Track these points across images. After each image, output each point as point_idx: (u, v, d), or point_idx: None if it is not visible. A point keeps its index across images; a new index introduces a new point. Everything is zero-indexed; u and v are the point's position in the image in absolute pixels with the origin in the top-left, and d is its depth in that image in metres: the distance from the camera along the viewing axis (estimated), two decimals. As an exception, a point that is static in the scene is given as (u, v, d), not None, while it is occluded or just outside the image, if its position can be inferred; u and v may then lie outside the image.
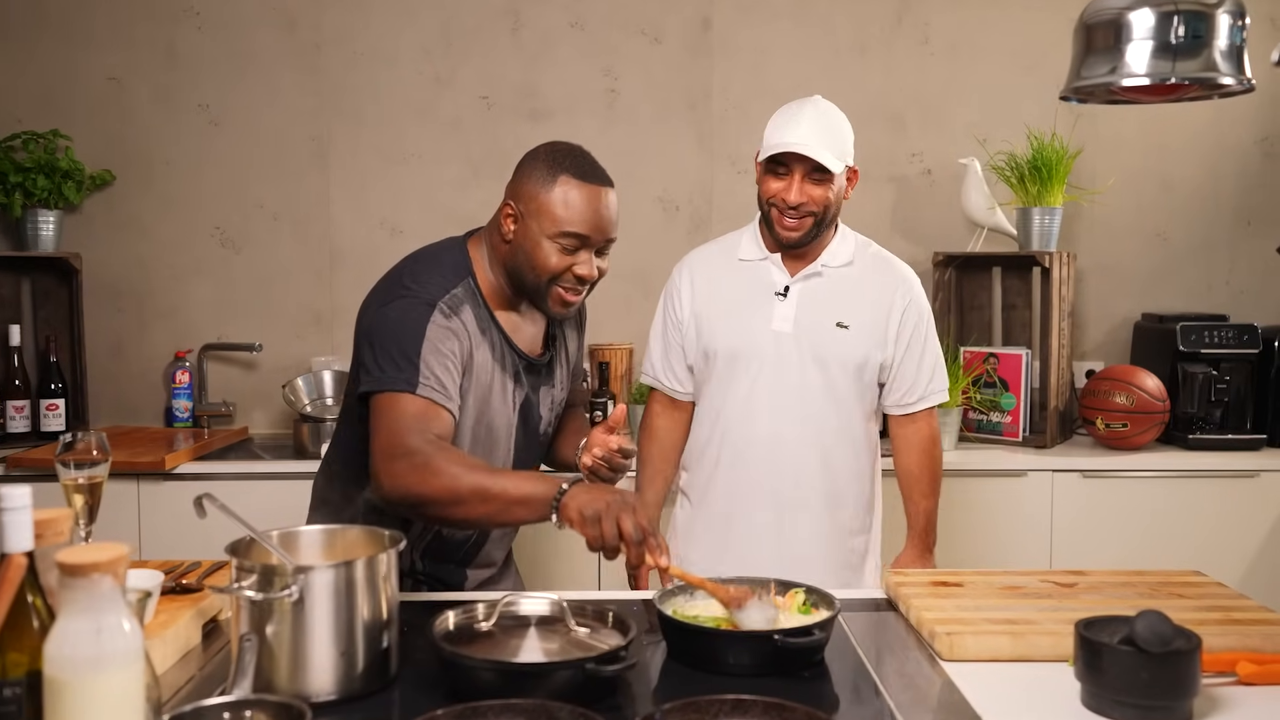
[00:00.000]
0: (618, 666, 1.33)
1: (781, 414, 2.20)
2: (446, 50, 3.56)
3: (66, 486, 1.54)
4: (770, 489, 2.21)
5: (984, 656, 1.51)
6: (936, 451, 2.33)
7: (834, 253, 2.25)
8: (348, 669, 1.37)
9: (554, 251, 1.77)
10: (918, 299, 2.28)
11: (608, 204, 1.80)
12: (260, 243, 3.59)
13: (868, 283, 2.25)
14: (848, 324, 2.20)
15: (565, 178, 1.77)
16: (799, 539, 2.21)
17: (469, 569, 1.98)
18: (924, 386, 2.28)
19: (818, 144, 2.10)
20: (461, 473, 1.60)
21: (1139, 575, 1.82)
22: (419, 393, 1.67)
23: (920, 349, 2.27)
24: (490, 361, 1.82)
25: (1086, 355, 3.66)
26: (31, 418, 3.36)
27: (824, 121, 2.15)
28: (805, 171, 2.12)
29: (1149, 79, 1.42)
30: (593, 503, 1.53)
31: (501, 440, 1.87)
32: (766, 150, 2.15)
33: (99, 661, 1.05)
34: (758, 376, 2.21)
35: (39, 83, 3.52)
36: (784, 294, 2.22)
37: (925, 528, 2.32)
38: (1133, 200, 3.62)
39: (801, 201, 2.13)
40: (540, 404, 1.93)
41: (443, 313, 1.74)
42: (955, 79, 3.59)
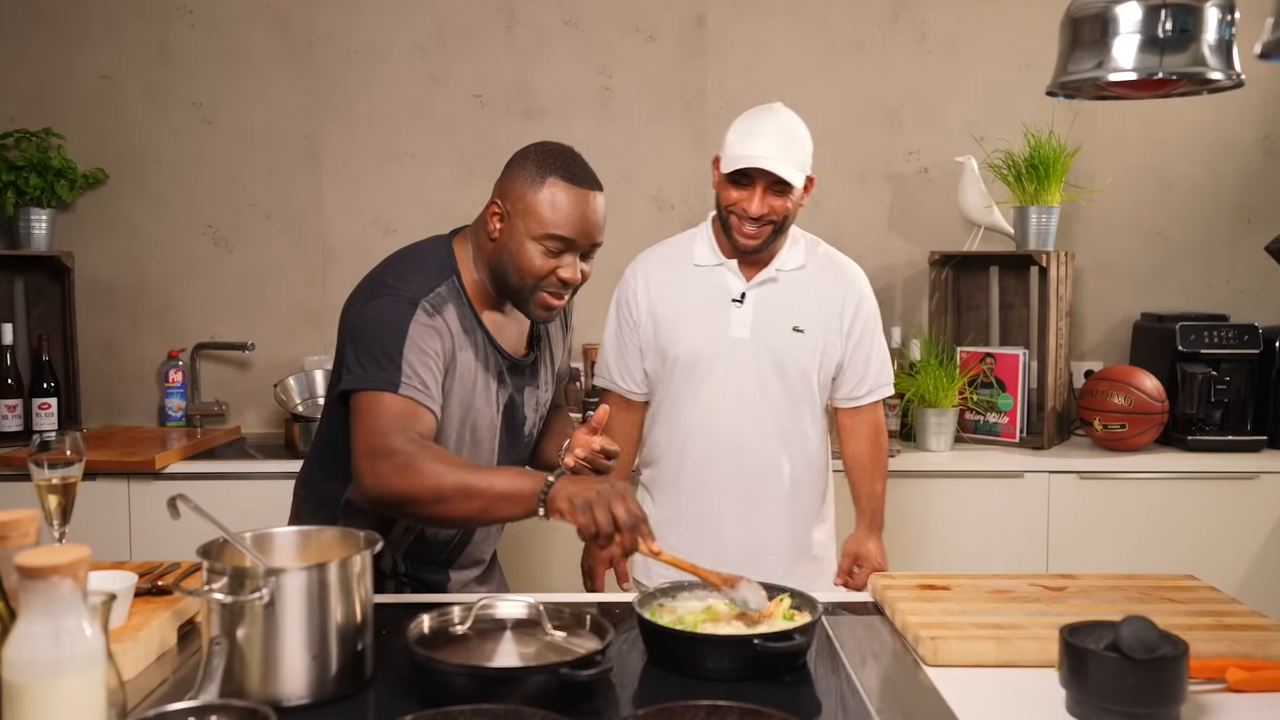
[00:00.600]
0: (592, 671, 1.31)
1: (743, 417, 2.24)
2: (440, 48, 3.54)
3: (40, 487, 1.52)
4: (734, 488, 2.25)
5: (968, 662, 1.49)
6: (883, 439, 2.41)
7: (786, 257, 2.27)
8: (320, 672, 1.35)
9: (539, 253, 1.75)
10: (867, 298, 2.33)
11: (595, 208, 1.77)
12: (253, 242, 3.57)
13: (820, 285, 2.28)
14: (803, 328, 2.24)
15: (554, 179, 1.74)
16: (763, 534, 2.26)
17: (452, 570, 1.96)
18: (872, 380, 2.35)
19: (781, 157, 2.12)
20: (445, 471, 1.58)
21: (1130, 579, 1.79)
22: (401, 392, 1.65)
23: (869, 346, 2.32)
24: (474, 362, 1.80)
25: (1085, 355, 3.63)
26: (24, 417, 3.34)
27: (787, 133, 2.15)
28: (768, 184, 2.14)
29: (1136, 74, 1.39)
30: (583, 491, 1.52)
31: (485, 441, 1.85)
32: (730, 162, 2.15)
33: (58, 666, 1.03)
34: (719, 381, 2.24)
35: (32, 81, 3.51)
36: (740, 300, 2.24)
37: (874, 510, 2.39)
38: (1132, 198, 3.59)
39: (764, 212, 2.14)
40: (524, 405, 1.91)
41: (425, 311, 1.72)
42: (952, 76, 3.57)
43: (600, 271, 2.40)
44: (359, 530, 1.49)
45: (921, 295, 3.57)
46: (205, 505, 1.42)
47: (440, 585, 1.94)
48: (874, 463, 2.40)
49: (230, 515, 2.88)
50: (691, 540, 2.24)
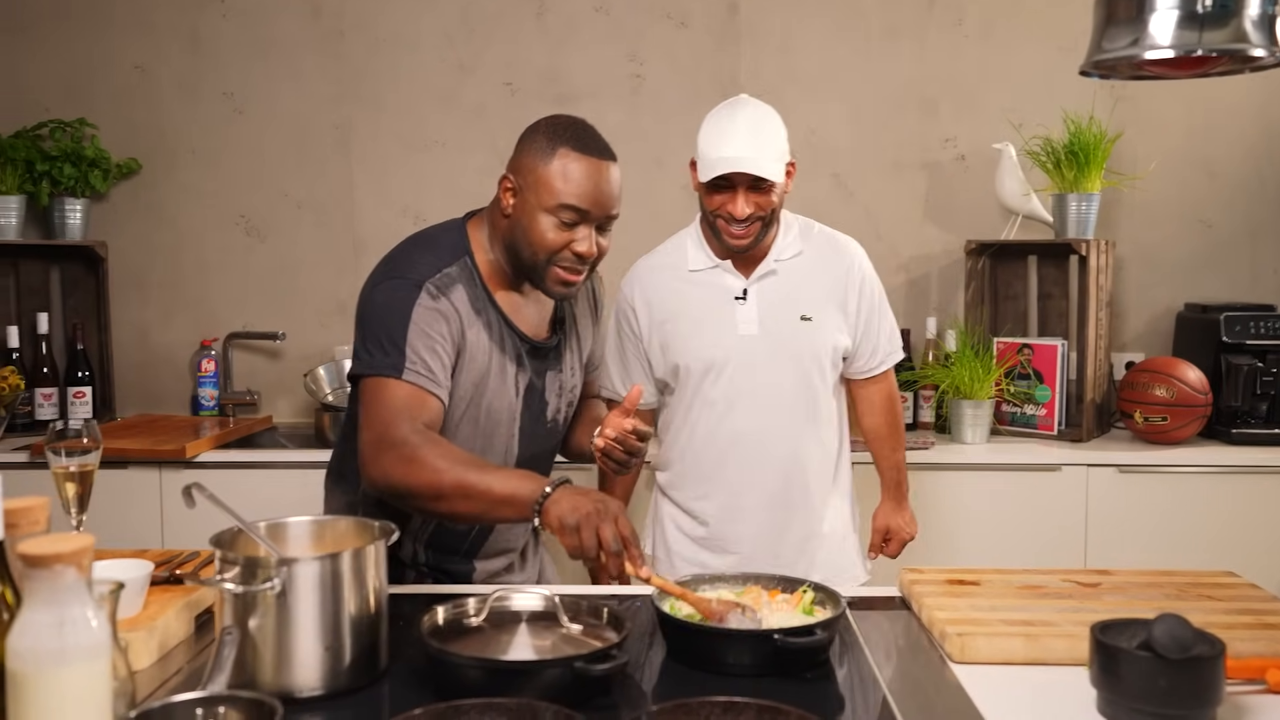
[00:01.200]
0: (607, 666, 1.28)
1: (761, 413, 2.22)
2: (469, 36, 3.52)
3: (57, 475, 1.52)
4: (757, 485, 2.23)
5: (997, 659, 1.45)
6: (898, 407, 2.44)
7: (782, 246, 2.24)
8: (333, 664, 1.33)
9: (551, 226, 1.71)
10: (868, 273, 2.31)
11: (608, 178, 1.73)
12: (284, 231, 3.57)
13: (821, 269, 2.26)
14: (810, 315, 2.22)
15: (564, 150, 1.71)
16: (787, 525, 2.24)
17: (476, 560, 1.93)
18: (883, 351, 2.35)
19: (758, 155, 2.07)
20: (446, 467, 1.57)
21: (1167, 575, 1.74)
22: (405, 378, 1.64)
23: (878, 319, 2.32)
24: (487, 343, 1.77)
25: (1126, 346, 3.55)
26: (60, 405, 3.37)
27: (759, 127, 2.10)
28: (749, 183, 2.09)
29: (1174, 51, 1.34)
30: (574, 511, 1.48)
31: (503, 425, 1.82)
32: (706, 170, 2.11)
33: (61, 655, 1.02)
34: (733, 382, 2.21)
35: (66, 72, 3.53)
36: (743, 297, 2.22)
37: (898, 479, 2.43)
38: (1175, 185, 3.50)
39: (750, 212, 2.10)
40: (547, 389, 1.87)
41: (429, 294, 1.70)
42: (990, 61, 3.50)
43: (630, 257, 2.38)
44: (374, 520, 1.47)
45: (958, 285, 3.50)
46: (234, 494, 1.41)
47: (465, 576, 1.92)
48: (893, 431, 2.42)
49: (259, 504, 2.89)
50: (713, 537, 2.25)
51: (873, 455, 2.46)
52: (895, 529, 2.42)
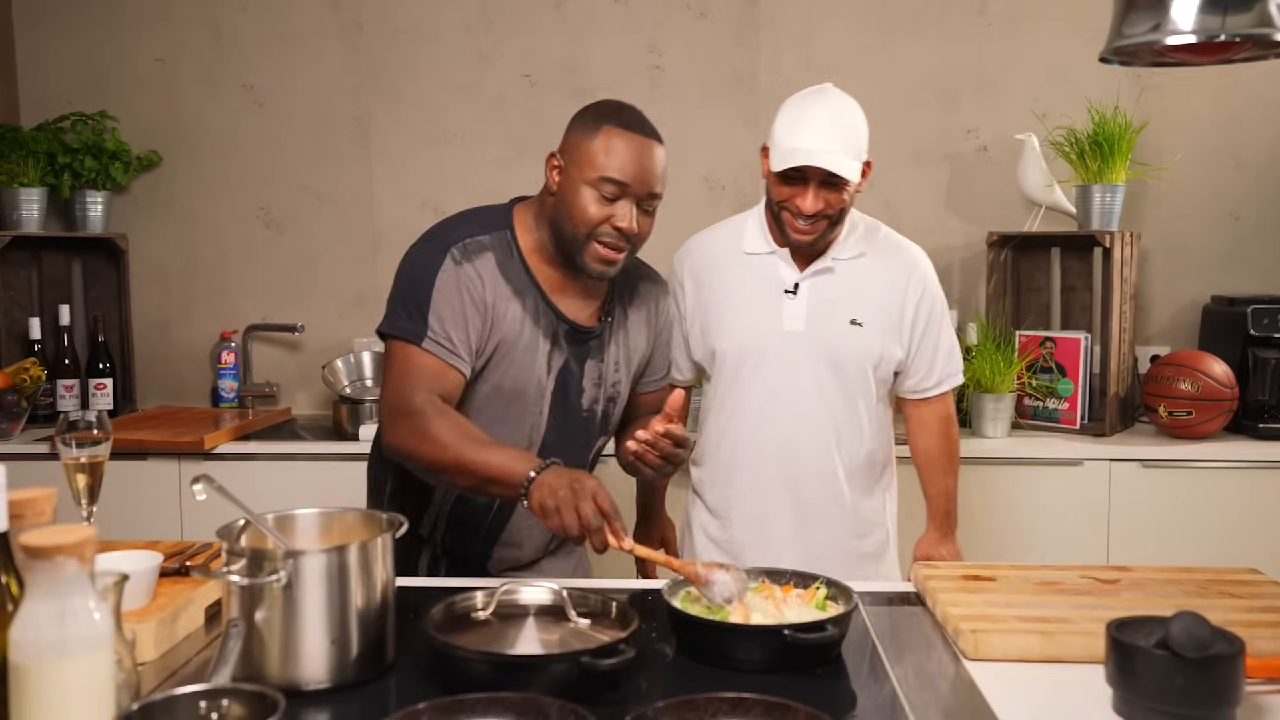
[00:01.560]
0: (614, 661, 1.27)
1: (797, 416, 2.10)
2: (489, 27, 3.51)
3: (68, 466, 1.52)
4: (788, 491, 2.11)
5: (1011, 656, 1.43)
6: (954, 431, 2.27)
7: (843, 246, 2.12)
8: (340, 656, 1.33)
9: (593, 199, 1.72)
10: (931, 285, 2.18)
11: (651, 155, 1.75)
12: (303, 224, 3.58)
13: (880, 275, 2.13)
14: (861, 321, 2.10)
15: (609, 127, 1.74)
16: (821, 539, 2.12)
17: (496, 546, 1.91)
18: (940, 371, 2.20)
19: (836, 149, 1.96)
20: (449, 442, 1.64)
21: (1187, 572, 1.71)
22: (425, 346, 1.71)
23: (936, 335, 2.17)
24: (519, 313, 1.78)
25: (1151, 340, 3.50)
26: (81, 397, 3.39)
27: (840, 121, 1.99)
28: (821, 179, 1.98)
29: (1196, 36, 1.30)
30: (551, 495, 1.52)
31: (530, 402, 1.81)
32: (780, 159, 1.99)
33: (63, 647, 1.01)
34: (770, 378, 2.10)
35: (87, 65, 3.55)
36: (794, 291, 2.10)
37: (947, 509, 2.25)
38: (1202, 176, 3.45)
39: (818, 209, 1.99)
40: (583, 376, 1.86)
41: (454, 258, 1.74)
42: (1013, 51, 3.45)
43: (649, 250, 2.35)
44: (382, 513, 1.47)
45: (979, 277, 3.47)
46: (251, 486, 1.43)
47: (481, 560, 1.91)
48: (945, 457, 2.25)
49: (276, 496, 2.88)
50: (742, 544, 2.14)
51: (921, 480, 2.28)
52: (937, 561, 2.19)
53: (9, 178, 3.31)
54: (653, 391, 2.02)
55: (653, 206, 1.78)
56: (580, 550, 2.05)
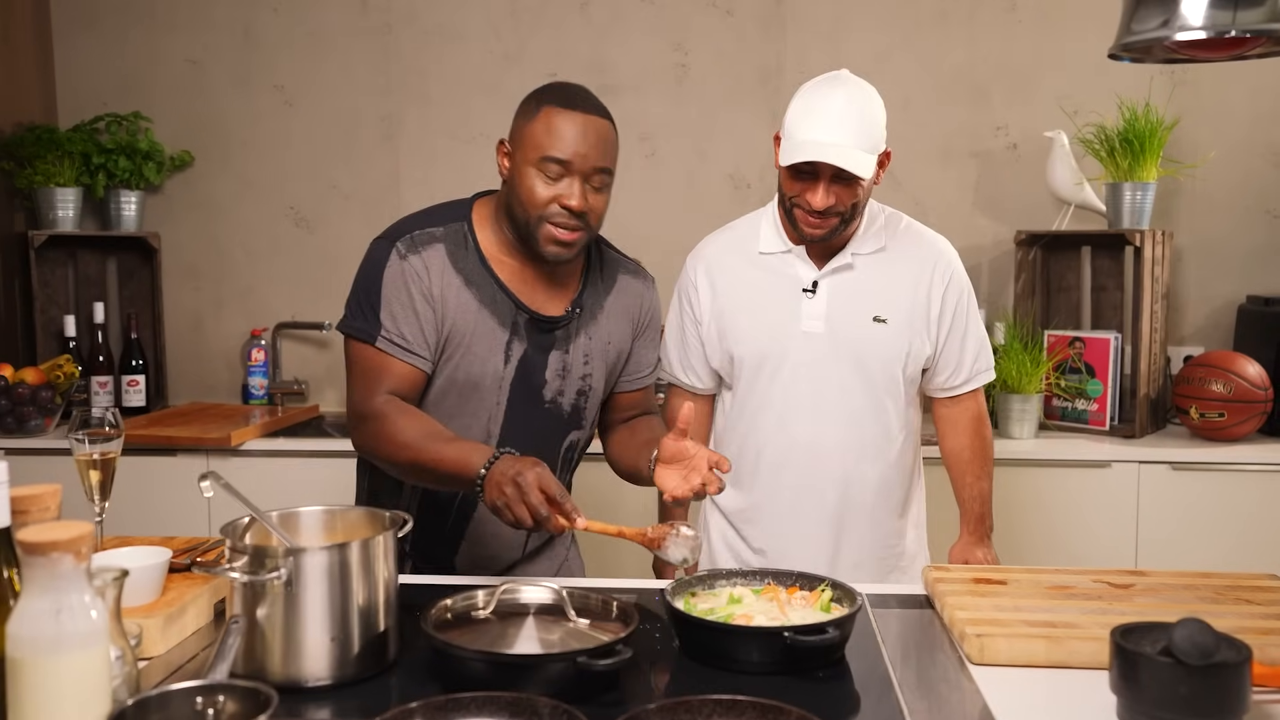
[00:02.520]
0: (611, 661, 1.27)
1: (820, 421, 2.03)
2: (515, 27, 3.52)
3: (80, 462, 1.54)
4: (814, 499, 2.05)
5: (1017, 661, 1.41)
6: (986, 431, 2.17)
7: (863, 239, 2.04)
8: (341, 654, 1.34)
9: (539, 181, 1.70)
10: (958, 275, 2.09)
11: (593, 130, 1.71)
12: (332, 222, 3.61)
13: (903, 267, 2.05)
14: (885, 317, 2.02)
15: (549, 107, 1.72)
16: (848, 547, 2.07)
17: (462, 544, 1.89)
18: (969, 367, 2.12)
19: (849, 143, 1.88)
20: (407, 442, 1.67)
21: (1205, 578, 1.68)
22: (379, 345, 1.73)
23: (964, 329, 2.09)
24: (473, 304, 1.76)
25: (1185, 340, 3.44)
26: (114, 393, 3.45)
27: (855, 112, 1.90)
28: (832, 174, 1.90)
29: (1206, 32, 1.28)
30: (499, 493, 1.53)
31: (486, 393, 1.79)
32: (789, 152, 1.91)
33: (58, 642, 1.03)
34: (790, 383, 2.03)
35: (123, 66, 3.60)
36: (812, 290, 2.03)
37: (981, 513, 2.15)
38: (1237, 174, 3.39)
39: (829, 204, 1.91)
40: (546, 367, 1.82)
41: (399, 252, 1.74)
42: (1043, 47, 3.41)
43: (673, 250, 2.34)
44: (384, 511, 1.48)
45: (1008, 277, 3.43)
46: (276, 482, 1.45)
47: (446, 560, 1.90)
48: (977, 458, 2.15)
49: (301, 493, 2.90)
50: (766, 553, 2.09)
51: (953, 483, 2.18)
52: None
53: (45, 178, 3.37)
54: (635, 390, 1.98)
55: (603, 183, 1.74)
56: (566, 551, 2.04)
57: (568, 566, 2.03)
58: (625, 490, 2.11)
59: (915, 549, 2.16)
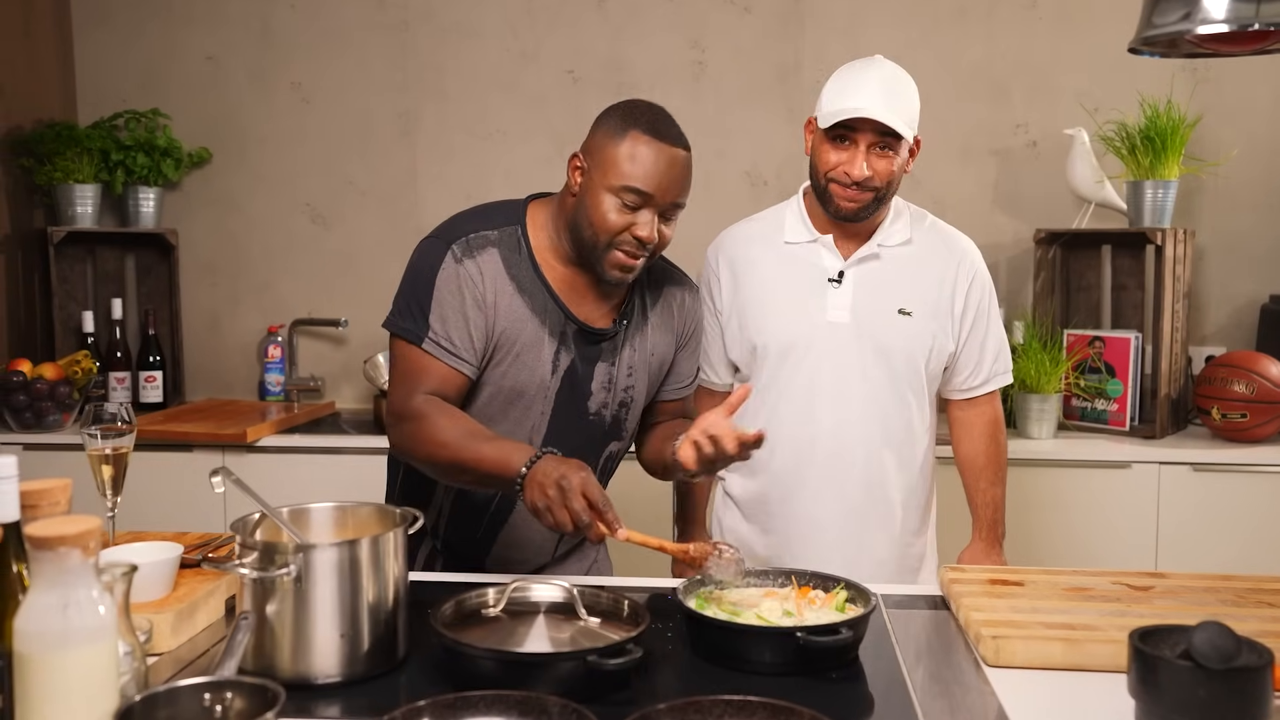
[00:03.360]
0: (621, 660, 1.26)
1: (843, 411, 2.01)
2: (532, 24, 3.51)
3: (92, 457, 1.54)
4: (835, 492, 2.02)
5: (1033, 664, 1.39)
6: (1002, 436, 2.16)
7: (890, 231, 2.04)
8: (351, 651, 1.33)
9: (614, 207, 1.67)
10: (981, 275, 2.09)
11: (678, 164, 1.69)
12: (349, 219, 3.61)
13: (929, 262, 2.05)
14: (910, 310, 2.01)
15: (636, 133, 1.67)
16: (865, 543, 2.04)
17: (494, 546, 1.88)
18: (988, 368, 2.10)
19: (887, 109, 1.89)
20: (446, 441, 1.64)
21: (1225, 580, 1.65)
22: (425, 348, 1.70)
23: (985, 329, 2.09)
24: (524, 311, 1.74)
25: (1206, 340, 3.41)
26: (132, 389, 3.46)
27: (892, 84, 1.93)
28: (871, 141, 1.91)
29: (1228, 25, 1.25)
30: (542, 494, 1.51)
31: (532, 401, 1.77)
32: (830, 117, 1.91)
33: (65, 637, 1.03)
34: (814, 373, 2.01)
35: (141, 63, 3.61)
36: (838, 280, 2.01)
37: (996, 518, 2.14)
38: (1261, 171, 3.35)
39: (868, 175, 1.92)
40: (592, 379, 1.80)
41: (454, 256, 1.71)
42: (1063, 44, 3.38)
43: (689, 249, 2.32)
44: (394, 508, 1.47)
45: (1027, 275, 3.39)
46: (292, 479, 1.44)
47: (478, 559, 1.88)
48: (992, 464, 2.14)
49: (316, 489, 2.89)
50: (783, 549, 2.05)
51: (966, 488, 2.17)
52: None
53: (65, 174, 3.38)
54: (676, 399, 1.95)
55: (675, 215, 1.73)
56: (596, 552, 2.00)
57: (597, 568, 2.00)
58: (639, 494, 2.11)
59: (926, 556, 2.14)
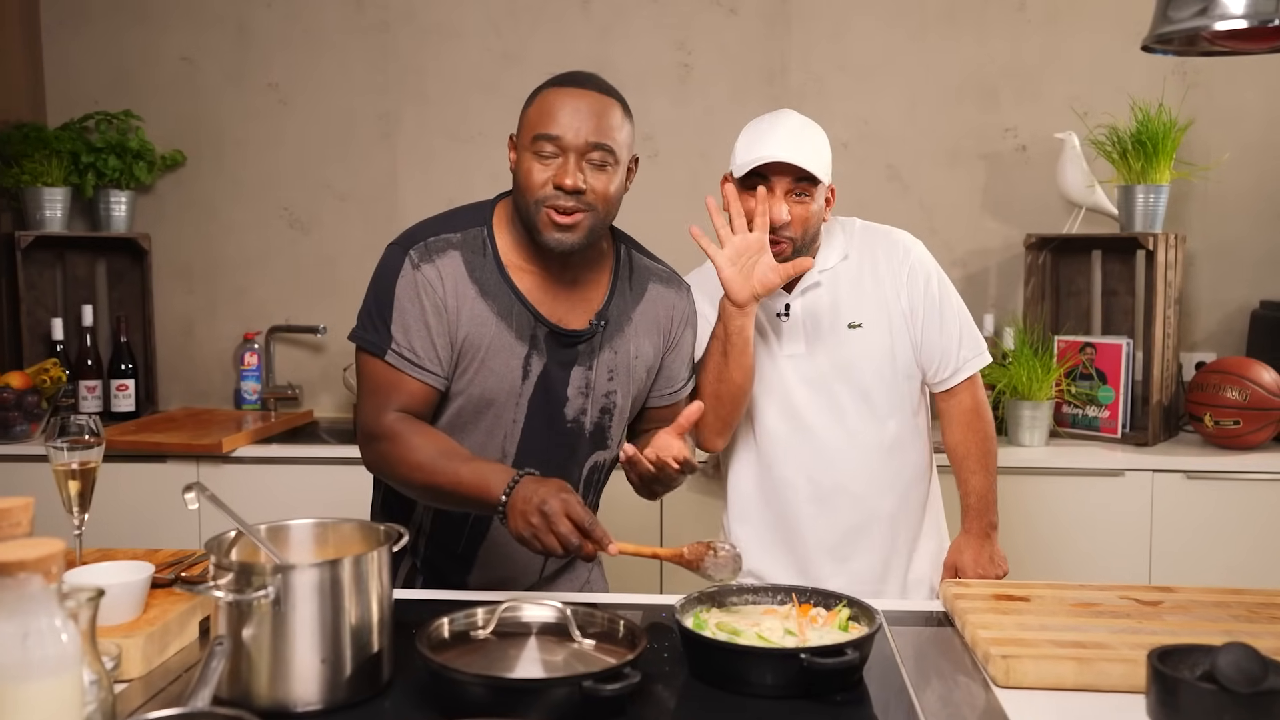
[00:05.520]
0: (618, 686, 1.19)
1: (826, 437, 1.99)
2: (515, 25, 3.45)
3: (58, 472, 1.46)
4: (830, 517, 2.00)
5: (1045, 684, 1.34)
6: (981, 423, 2.08)
7: (826, 256, 2.01)
8: (332, 676, 1.26)
9: (534, 162, 1.62)
10: (919, 260, 2.02)
11: (591, 106, 1.62)
12: (327, 224, 3.54)
13: (866, 270, 2.01)
14: (860, 321, 1.99)
15: (548, 89, 1.66)
16: (866, 560, 2.02)
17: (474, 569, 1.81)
18: (955, 356, 2.03)
19: (802, 152, 1.86)
20: (421, 462, 1.59)
21: (1236, 594, 1.61)
22: (388, 360, 1.65)
23: (938, 316, 2.01)
24: (488, 315, 1.66)
25: (1197, 346, 3.38)
26: (103, 398, 3.37)
27: (804, 133, 1.90)
28: (787, 188, 1.87)
29: (1247, 21, 1.21)
30: (525, 524, 1.46)
31: (501, 410, 1.70)
32: (744, 166, 1.88)
33: (25, 669, 0.95)
34: (785, 408, 1.99)
35: (113, 63, 3.52)
36: (785, 314, 1.99)
37: (981, 508, 2.06)
38: (1251, 176, 3.32)
39: (785, 221, 1.87)
40: (568, 383, 1.72)
41: (412, 260, 1.66)
42: (1053, 47, 3.34)
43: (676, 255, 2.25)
44: (379, 525, 1.41)
45: (1017, 281, 3.36)
46: (269, 490, 1.37)
47: (459, 580, 1.81)
48: (977, 453, 2.07)
49: (294, 500, 2.81)
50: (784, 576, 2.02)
51: (956, 478, 2.11)
52: (965, 568, 2.02)
53: (33, 177, 3.29)
54: (667, 405, 1.88)
55: (603, 160, 1.63)
56: (589, 572, 1.93)
57: (590, 588, 1.92)
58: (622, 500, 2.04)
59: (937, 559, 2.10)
